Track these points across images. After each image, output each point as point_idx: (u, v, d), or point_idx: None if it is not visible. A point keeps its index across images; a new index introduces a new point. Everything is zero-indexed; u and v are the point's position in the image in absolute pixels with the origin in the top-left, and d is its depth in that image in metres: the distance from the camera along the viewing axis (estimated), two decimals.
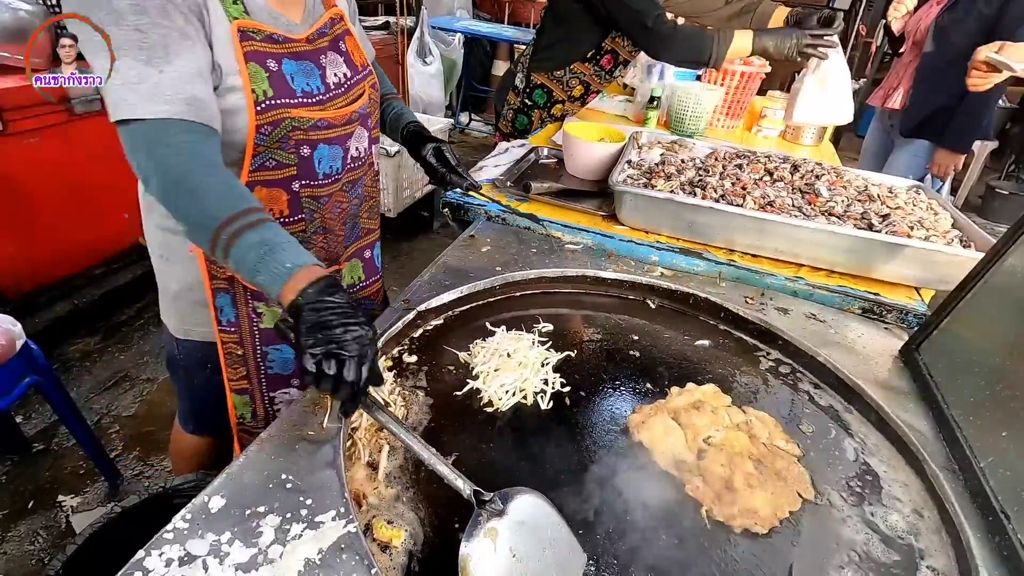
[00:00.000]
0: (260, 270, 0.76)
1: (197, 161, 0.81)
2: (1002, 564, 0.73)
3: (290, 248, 0.78)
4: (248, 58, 0.90)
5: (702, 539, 0.76)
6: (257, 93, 0.91)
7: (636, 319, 1.21)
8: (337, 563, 0.62)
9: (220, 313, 1.10)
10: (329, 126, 1.02)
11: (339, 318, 0.71)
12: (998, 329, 0.96)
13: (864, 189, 1.45)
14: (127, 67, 0.78)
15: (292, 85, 0.96)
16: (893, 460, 0.92)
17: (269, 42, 0.93)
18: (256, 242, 0.77)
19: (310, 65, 0.99)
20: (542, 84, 2.35)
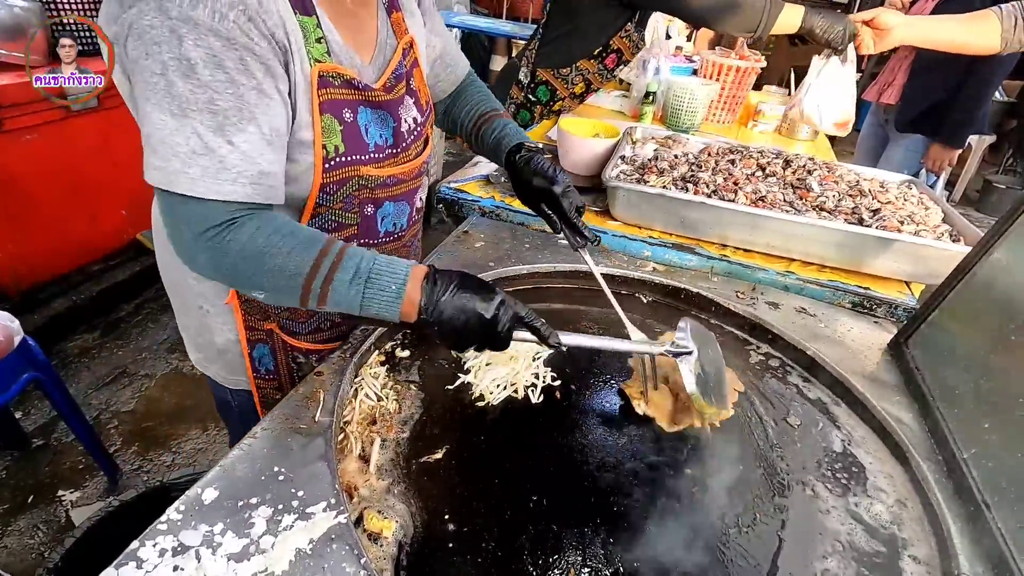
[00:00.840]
0: (369, 305, 0.73)
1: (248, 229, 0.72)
2: (981, 552, 0.74)
3: (383, 268, 0.73)
4: (324, 109, 0.80)
5: (694, 527, 0.77)
6: (328, 149, 0.82)
7: (628, 313, 1.22)
8: (327, 553, 0.63)
9: (258, 363, 1.04)
10: (398, 182, 0.95)
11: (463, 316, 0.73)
12: (983, 323, 0.97)
13: (856, 184, 1.46)
14: (190, 132, 0.67)
15: (366, 138, 0.87)
16: (879, 452, 0.93)
17: (347, 88, 0.83)
18: (350, 280, 0.72)
19: (386, 115, 0.90)
20: (547, 81, 2.34)
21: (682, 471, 0.86)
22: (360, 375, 0.95)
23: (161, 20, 0.64)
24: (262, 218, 0.74)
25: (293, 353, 1.04)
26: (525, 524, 0.75)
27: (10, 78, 2.25)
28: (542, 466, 0.84)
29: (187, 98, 0.66)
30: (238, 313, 0.98)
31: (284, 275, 0.72)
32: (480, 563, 0.70)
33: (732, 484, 0.85)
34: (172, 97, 0.66)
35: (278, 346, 1.03)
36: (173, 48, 0.65)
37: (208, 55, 0.66)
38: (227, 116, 0.68)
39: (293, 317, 1.00)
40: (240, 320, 0.98)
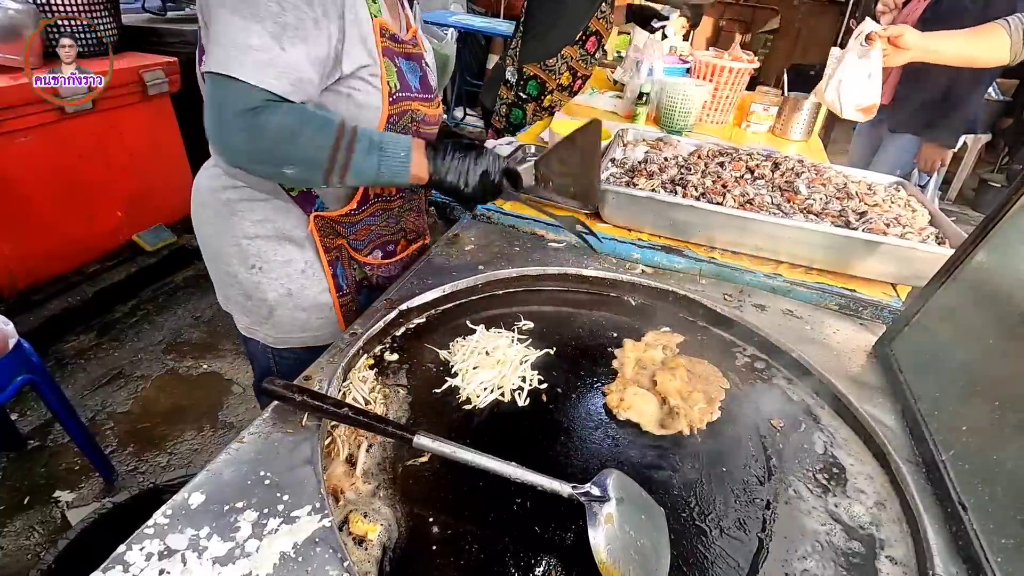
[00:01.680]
0: (383, 171, 0.93)
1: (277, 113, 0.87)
2: (956, 553, 0.76)
3: (390, 140, 0.93)
4: (384, 53, 0.99)
5: (676, 528, 0.78)
6: (391, 85, 1.01)
7: (616, 316, 1.23)
8: (311, 556, 0.65)
9: (340, 279, 1.22)
10: (426, 122, 1.15)
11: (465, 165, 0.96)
12: (965, 326, 0.98)
13: (843, 186, 1.47)
14: (255, 33, 0.83)
15: (408, 80, 1.07)
16: (860, 453, 0.95)
17: (392, 40, 1.03)
18: (366, 150, 0.91)
19: (415, 65, 1.11)
20: (535, 75, 2.37)
21: (665, 473, 0.87)
22: (348, 379, 0.96)
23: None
24: (287, 104, 0.88)
25: (355, 265, 1.25)
26: (508, 527, 0.76)
27: (5, 80, 2.25)
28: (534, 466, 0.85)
29: (259, 6, 0.82)
30: (316, 235, 1.13)
31: (313, 147, 0.89)
32: (463, 565, 0.71)
33: (714, 485, 0.86)
34: (247, 3, 0.82)
35: (345, 261, 1.23)
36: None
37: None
38: (285, 29, 0.84)
39: (356, 236, 1.21)
40: (319, 241, 1.14)
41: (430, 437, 0.76)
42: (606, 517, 0.72)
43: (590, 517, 0.72)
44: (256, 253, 1.14)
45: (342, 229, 1.18)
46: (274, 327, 1.21)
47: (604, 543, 0.70)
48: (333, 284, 1.20)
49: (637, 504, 0.77)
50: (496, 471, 0.75)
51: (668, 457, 0.90)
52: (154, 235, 3.01)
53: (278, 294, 1.17)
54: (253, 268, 1.15)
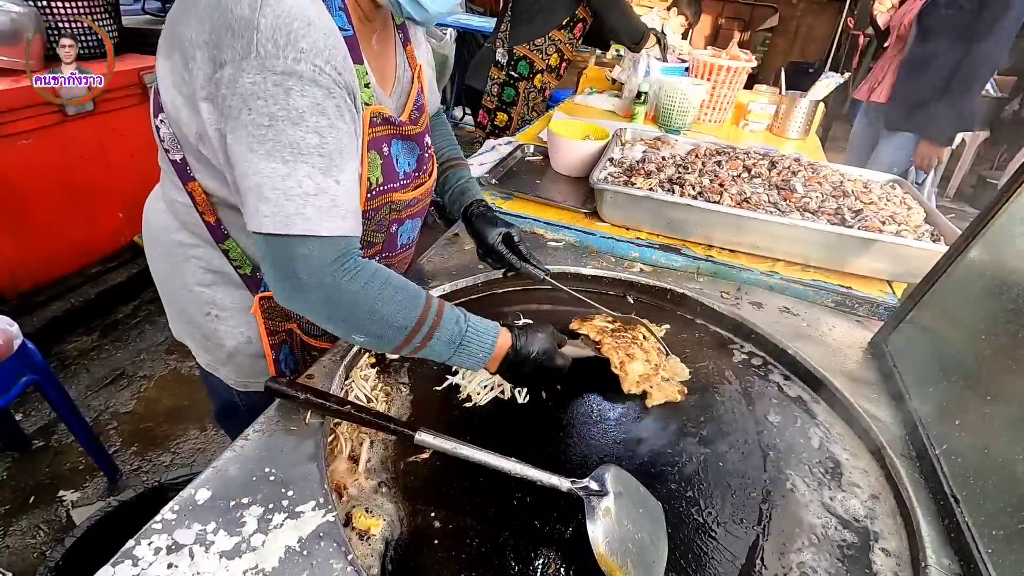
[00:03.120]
0: (457, 360, 0.86)
1: (358, 276, 0.77)
2: (949, 545, 0.77)
3: (473, 336, 0.85)
4: (370, 147, 0.87)
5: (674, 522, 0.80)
6: (371, 181, 0.90)
7: (615, 314, 1.24)
8: (316, 550, 0.66)
9: (282, 365, 1.08)
10: (418, 202, 1.05)
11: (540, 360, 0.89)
12: (958, 321, 1.00)
13: (840, 184, 1.49)
14: (303, 173, 0.71)
15: (397, 168, 0.95)
16: (855, 448, 0.96)
17: (385, 125, 0.90)
18: (447, 340, 0.83)
19: (413, 145, 0.99)
20: (524, 56, 2.47)
21: (662, 468, 0.89)
22: (350, 377, 0.97)
23: (264, 76, 0.68)
24: (372, 266, 0.80)
25: (309, 349, 1.10)
26: (509, 521, 0.77)
27: (6, 83, 2.26)
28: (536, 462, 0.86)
29: (299, 144, 0.70)
30: (260, 319, 1.01)
31: (391, 326, 0.79)
32: (464, 559, 0.72)
33: (712, 480, 0.87)
34: (283, 144, 0.70)
35: (296, 344, 1.09)
36: (280, 100, 0.69)
37: (313, 103, 0.71)
38: (332, 158, 0.73)
39: None
40: (262, 325, 1.01)
41: (431, 434, 0.78)
42: (604, 511, 0.73)
43: (589, 511, 0.73)
44: (211, 301, 1.02)
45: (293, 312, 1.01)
46: (235, 371, 1.10)
47: (603, 536, 0.71)
48: (273, 369, 1.06)
49: (635, 498, 0.78)
50: (496, 467, 0.76)
51: (665, 452, 0.92)
52: None
53: (237, 342, 1.05)
54: (208, 315, 1.04)
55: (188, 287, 1.02)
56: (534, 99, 2.61)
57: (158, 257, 1.05)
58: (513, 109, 2.61)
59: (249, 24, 0.68)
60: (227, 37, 0.69)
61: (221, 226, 0.93)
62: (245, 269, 0.98)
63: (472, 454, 0.77)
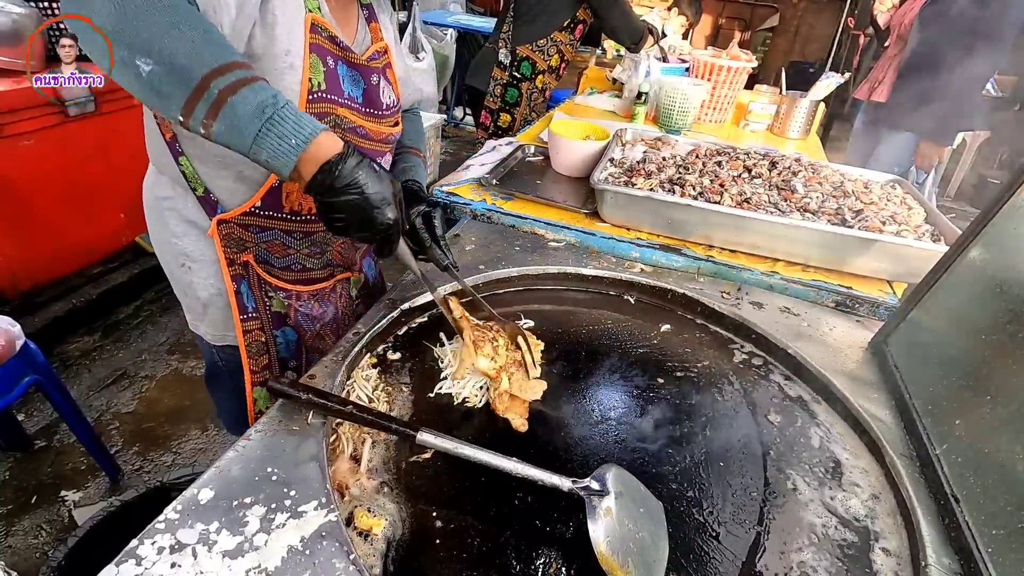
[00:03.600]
0: (265, 138, 0.70)
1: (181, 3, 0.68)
2: (949, 544, 0.77)
3: (290, 112, 0.71)
4: (312, 49, 0.93)
5: (675, 522, 0.80)
6: (312, 83, 0.94)
7: (615, 314, 1.25)
8: (318, 549, 0.66)
9: (245, 299, 1.11)
10: (366, 136, 1.07)
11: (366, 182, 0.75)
12: (958, 321, 1.00)
13: (840, 185, 1.49)
14: None
15: (342, 86, 1.00)
16: (856, 448, 0.96)
17: (331, 43, 0.97)
18: (257, 104, 0.68)
19: (358, 76, 1.04)
20: (527, 56, 2.49)
21: (663, 468, 0.89)
22: (352, 377, 0.97)
23: None
24: None
25: (266, 290, 1.13)
26: (510, 521, 0.78)
27: (7, 84, 2.27)
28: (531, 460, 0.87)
29: None
30: (218, 244, 1.03)
31: (192, 51, 0.66)
32: (466, 559, 0.72)
33: (713, 479, 0.88)
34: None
35: (254, 282, 1.11)
36: None
37: None
38: None
39: (268, 250, 1.10)
40: (221, 252, 1.04)
41: (433, 434, 0.78)
42: (605, 511, 0.73)
43: (590, 511, 0.73)
44: (184, 251, 1.09)
45: (249, 237, 1.07)
46: (211, 324, 1.17)
47: (604, 536, 0.71)
48: (235, 303, 1.08)
49: (636, 498, 0.78)
50: (497, 466, 0.77)
51: (665, 451, 0.92)
52: None
53: (209, 293, 1.12)
54: (183, 267, 1.10)
55: (168, 240, 1.09)
56: (535, 99, 2.62)
57: (149, 218, 1.13)
58: (516, 110, 2.62)
59: None
60: None
61: (176, 143, 0.99)
62: (199, 190, 1.03)
63: (473, 454, 0.77)
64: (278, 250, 1.11)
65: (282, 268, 1.14)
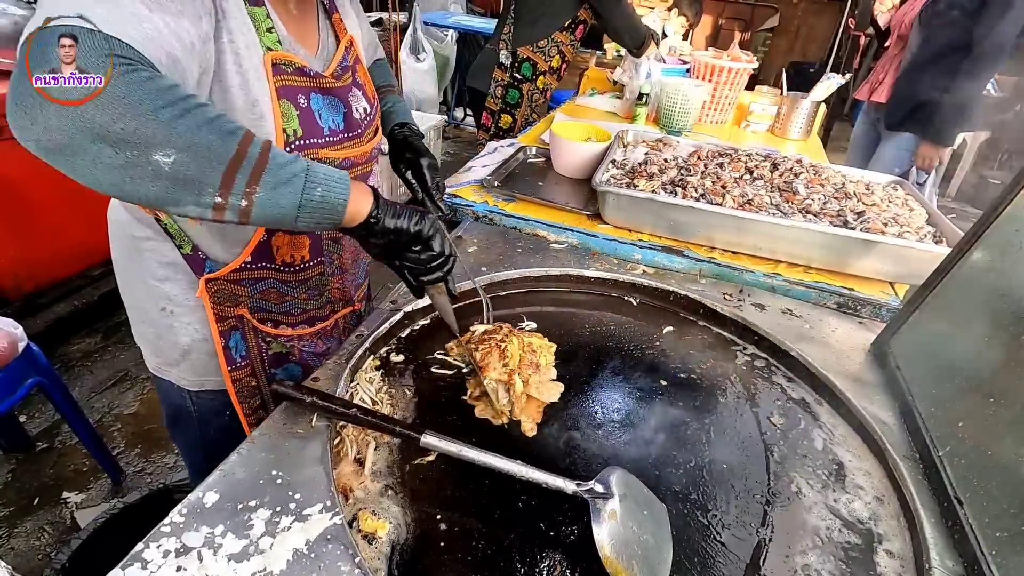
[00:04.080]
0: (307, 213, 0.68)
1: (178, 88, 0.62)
2: (953, 547, 0.77)
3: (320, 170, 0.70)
4: (280, 94, 0.84)
5: (679, 525, 0.80)
6: (288, 133, 0.86)
7: (617, 316, 1.25)
8: (323, 552, 0.66)
9: (234, 352, 1.05)
10: (353, 165, 1.00)
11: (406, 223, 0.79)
12: (961, 323, 1.00)
13: (841, 186, 1.49)
14: None
15: (320, 123, 0.92)
16: (859, 450, 0.96)
17: (299, 75, 0.88)
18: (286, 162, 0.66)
19: (336, 101, 0.96)
20: (527, 57, 2.50)
21: (667, 470, 0.89)
22: (355, 380, 0.97)
23: None
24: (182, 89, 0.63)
25: (262, 335, 1.07)
26: (515, 523, 0.78)
27: (7, 86, 2.27)
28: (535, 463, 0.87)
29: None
30: (207, 303, 0.98)
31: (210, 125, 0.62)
32: (470, 561, 0.73)
33: (716, 482, 0.88)
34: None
35: (249, 331, 1.05)
36: None
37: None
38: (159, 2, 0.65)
39: (264, 299, 1.04)
40: (210, 310, 0.99)
41: (437, 436, 0.78)
42: (610, 514, 0.73)
43: (594, 514, 0.73)
44: (166, 295, 1.00)
45: (242, 291, 1.01)
46: (190, 370, 1.08)
47: (608, 539, 0.71)
48: (223, 357, 1.04)
49: (640, 501, 0.79)
50: (502, 469, 0.77)
51: (669, 454, 0.92)
52: None
53: (192, 338, 1.04)
54: (164, 311, 1.02)
55: (144, 280, 1.01)
56: (536, 100, 2.62)
57: (117, 250, 1.04)
58: (517, 111, 2.62)
59: None
60: None
61: None
62: (186, 248, 0.96)
63: (477, 456, 0.77)
64: (275, 297, 1.05)
65: (281, 313, 1.08)
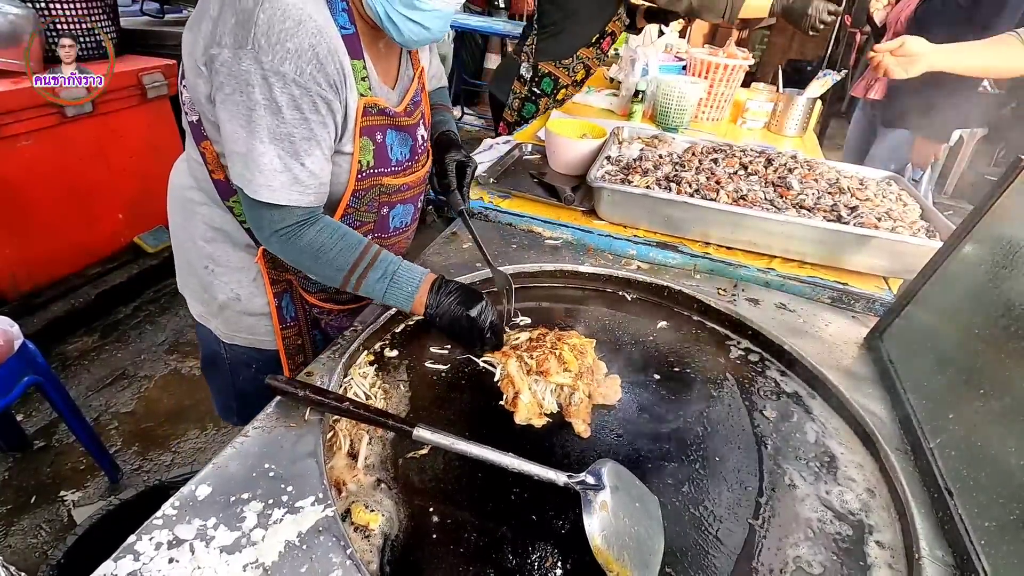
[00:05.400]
0: (388, 298, 0.98)
1: (313, 230, 0.95)
2: (943, 537, 0.78)
3: (404, 274, 0.98)
4: (363, 132, 0.99)
5: (671, 517, 0.80)
6: (362, 163, 1.01)
7: (612, 311, 1.26)
8: (315, 544, 0.67)
9: (284, 311, 1.20)
10: (409, 188, 1.14)
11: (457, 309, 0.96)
12: (952, 317, 1.00)
13: (836, 181, 1.49)
14: (273, 155, 0.88)
15: (390, 155, 1.07)
16: (851, 442, 0.97)
17: (381, 115, 1.02)
18: (379, 278, 0.97)
19: (407, 136, 1.09)
20: (549, 72, 2.42)
21: (660, 463, 0.90)
22: (349, 374, 0.98)
23: (256, 68, 0.82)
24: (323, 221, 0.97)
25: (305, 296, 1.21)
26: (506, 516, 0.78)
27: (5, 85, 2.27)
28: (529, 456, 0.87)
29: (273, 131, 0.86)
30: (263, 268, 1.13)
31: (332, 268, 0.96)
32: (462, 553, 0.73)
33: (709, 475, 0.88)
34: (262, 128, 0.86)
35: (296, 297, 1.21)
36: (264, 92, 0.84)
37: (290, 100, 0.85)
38: (300, 144, 0.89)
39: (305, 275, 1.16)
40: (265, 274, 1.14)
41: (429, 429, 0.78)
42: (601, 505, 0.74)
43: (585, 505, 0.74)
44: (209, 255, 1.15)
45: None
46: (224, 323, 1.22)
47: (599, 530, 0.72)
48: (277, 316, 1.19)
49: (631, 493, 0.79)
50: (493, 461, 0.77)
51: (662, 447, 0.92)
52: (155, 237, 3.04)
53: (227, 296, 1.17)
54: (207, 268, 1.16)
55: (193, 240, 1.15)
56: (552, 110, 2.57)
57: (173, 211, 1.19)
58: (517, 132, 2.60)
59: (250, 17, 0.81)
60: (230, 21, 0.82)
61: (229, 183, 1.03)
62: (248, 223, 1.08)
63: (469, 449, 0.78)
64: None
65: (317, 291, 1.21)
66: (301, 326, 1.25)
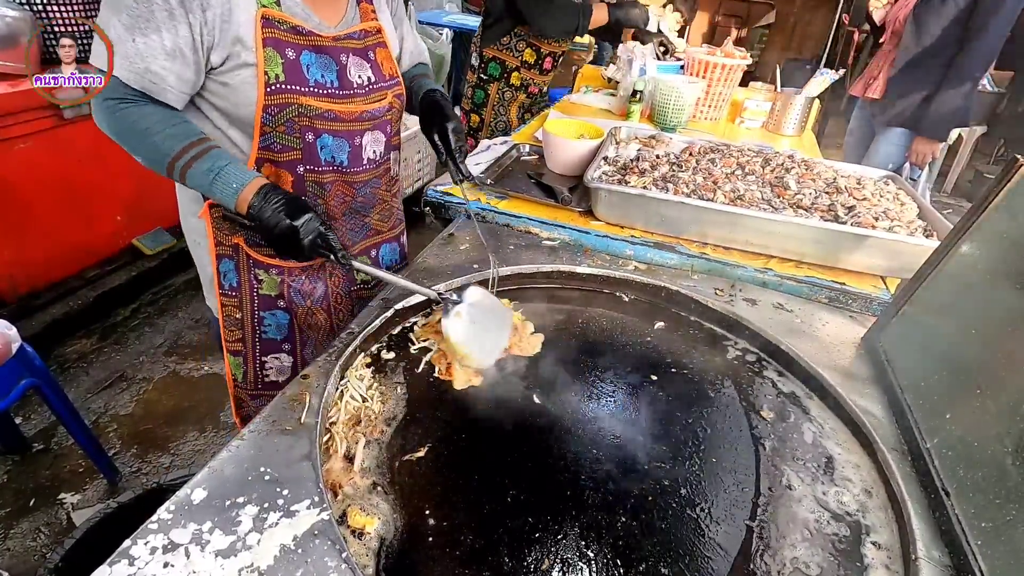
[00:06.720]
0: (214, 190, 0.99)
1: (142, 111, 0.97)
2: (939, 537, 0.78)
3: (233, 171, 0.99)
4: (266, 43, 1.00)
5: (668, 518, 0.80)
6: (269, 76, 1.01)
7: (609, 312, 1.25)
8: (311, 547, 0.67)
9: (223, 278, 1.22)
10: (336, 118, 1.11)
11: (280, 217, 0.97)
12: (949, 316, 1.00)
13: (833, 181, 1.49)
14: (112, 26, 0.92)
15: (306, 75, 1.05)
16: (848, 443, 0.97)
17: (292, 33, 1.03)
18: (207, 169, 0.98)
19: (328, 59, 1.08)
20: (493, 57, 2.48)
21: (656, 465, 0.89)
22: (346, 377, 0.98)
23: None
24: (153, 106, 0.98)
25: (255, 271, 1.21)
26: (503, 518, 0.78)
27: (4, 87, 2.27)
28: (519, 463, 0.87)
29: (117, 4, 0.91)
30: (208, 225, 1.15)
31: (158, 152, 0.98)
32: (459, 556, 0.73)
33: (705, 476, 0.88)
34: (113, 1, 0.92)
35: (242, 264, 1.21)
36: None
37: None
38: (137, 21, 0.92)
39: None
40: (210, 233, 1.16)
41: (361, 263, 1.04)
42: (455, 313, 1.01)
43: (444, 313, 1.02)
44: (195, 228, 1.21)
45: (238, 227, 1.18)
46: (211, 298, 1.26)
47: (452, 329, 1.00)
48: (216, 279, 1.21)
49: (486, 307, 1.05)
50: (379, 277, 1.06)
51: (658, 449, 0.92)
52: (154, 239, 3.03)
53: (207, 272, 1.22)
54: (195, 243, 1.22)
55: (186, 216, 1.22)
56: (513, 98, 2.55)
57: (179, 192, 1.23)
58: (484, 111, 2.62)
59: None
60: None
61: None
62: None
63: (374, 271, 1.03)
64: None
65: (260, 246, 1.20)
66: (243, 299, 1.24)
